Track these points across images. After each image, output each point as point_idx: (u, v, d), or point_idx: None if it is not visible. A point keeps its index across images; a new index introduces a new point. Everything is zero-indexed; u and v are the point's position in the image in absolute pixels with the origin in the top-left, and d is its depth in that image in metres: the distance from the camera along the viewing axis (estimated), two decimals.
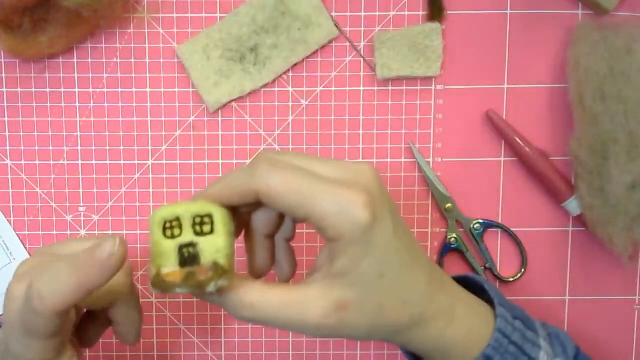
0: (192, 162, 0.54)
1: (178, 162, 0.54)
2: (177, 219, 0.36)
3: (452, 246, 0.55)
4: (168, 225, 0.36)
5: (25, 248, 0.55)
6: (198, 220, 0.36)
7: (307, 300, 0.36)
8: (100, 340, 0.55)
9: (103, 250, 0.37)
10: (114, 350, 0.56)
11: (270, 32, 0.53)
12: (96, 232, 0.55)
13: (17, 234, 0.55)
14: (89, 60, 0.54)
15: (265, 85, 0.54)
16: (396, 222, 0.37)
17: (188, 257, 0.36)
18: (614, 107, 0.49)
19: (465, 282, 0.44)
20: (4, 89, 0.54)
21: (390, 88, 0.54)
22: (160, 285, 0.36)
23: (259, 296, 0.36)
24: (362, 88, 0.54)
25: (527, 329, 0.42)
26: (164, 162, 0.54)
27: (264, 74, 0.53)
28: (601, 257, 0.56)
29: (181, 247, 0.36)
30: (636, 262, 0.56)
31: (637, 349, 0.57)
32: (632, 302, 0.56)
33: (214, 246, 0.36)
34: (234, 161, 0.55)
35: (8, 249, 0.55)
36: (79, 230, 0.55)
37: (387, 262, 0.36)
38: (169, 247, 0.36)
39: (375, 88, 0.54)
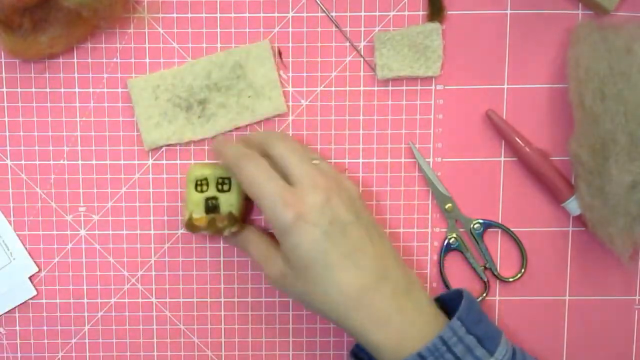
0: (192, 162, 0.54)
1: (178, 162, 0.54)
2: (205, 179, 0.50)
3: (452, 246, 0.55)
4: (199, 182, 0.50)
5: (25, 248, 0.55)
6: (220, 180, 0.50)
7: (270, 260, 0.49)
8: (101, 341, 0.55)
9: None
10: (114, 350, 0.56)
11: (221, 90, 0.53)
12: (96, 232, 0.55)
13: (17, 234, 0.55)
14: (89, 60, 0.54)
15: (204, 139, 0.54)
16: (336, 230, 0.45)
17: (211, 207, 0.50)
18: (614, 107, 0.49)
19: (459, 294, 0.48)
20: (4, 89, 0.54)
21: (390, 88, 0.54)
22: (191, 227, 0.50)
23: (251, 242, 0.51)
24: (362, 88, 0.54)
25: (480, 346, 0.45)
26: (164, 162, 0.54)
27: (206, 128, 0.53)
28: (601, 257, 0.56)
29: (207, 199, 0.50)
30: (636, 262, 0.56)
31: (637, 349, 0.57)
32: (632, 302, 0.56)
33: (230, 200, 0.50)
34: None
35: (8, 249, 0.55)
36: (78, 231, 0.55)
37: (312, 259, 0.45)
38: (199, 198, 0.50)
39: (375, 88, 0.54)
